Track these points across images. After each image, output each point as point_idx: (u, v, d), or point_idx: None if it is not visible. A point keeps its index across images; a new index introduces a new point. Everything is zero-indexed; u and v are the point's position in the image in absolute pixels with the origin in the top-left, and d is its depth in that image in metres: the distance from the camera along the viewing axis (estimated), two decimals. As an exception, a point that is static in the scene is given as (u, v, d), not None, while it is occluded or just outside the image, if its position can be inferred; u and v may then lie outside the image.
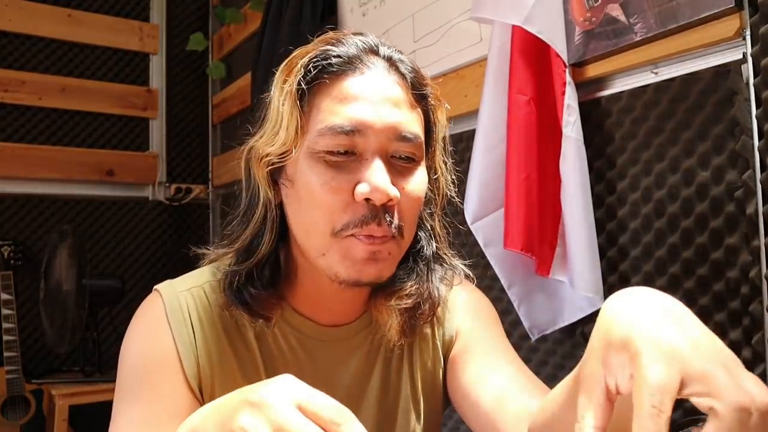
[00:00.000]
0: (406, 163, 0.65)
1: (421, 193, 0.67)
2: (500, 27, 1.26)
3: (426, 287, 0.71)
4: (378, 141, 0.63)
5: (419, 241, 0.73)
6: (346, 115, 0.62)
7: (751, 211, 0.95)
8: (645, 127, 1.14)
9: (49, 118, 2.76)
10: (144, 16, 3.00)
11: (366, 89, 0.64)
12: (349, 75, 0.64)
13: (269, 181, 0.67)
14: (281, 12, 2.13)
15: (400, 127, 0.64)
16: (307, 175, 0.63)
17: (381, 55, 0.67)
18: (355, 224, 0.62)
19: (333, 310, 0.74)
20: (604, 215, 1.20)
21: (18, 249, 2.55)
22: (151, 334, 0.68)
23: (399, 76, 0.66)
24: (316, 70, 0.64)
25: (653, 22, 1.06)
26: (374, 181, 0.61)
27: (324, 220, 0.63)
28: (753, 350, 0.95)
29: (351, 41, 0.66)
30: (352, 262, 0.63)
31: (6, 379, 2.33)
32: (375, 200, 0.61)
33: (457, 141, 1.59)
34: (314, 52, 0.65)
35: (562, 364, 1.30)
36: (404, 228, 0.65)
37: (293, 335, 0.72)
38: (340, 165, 0.63)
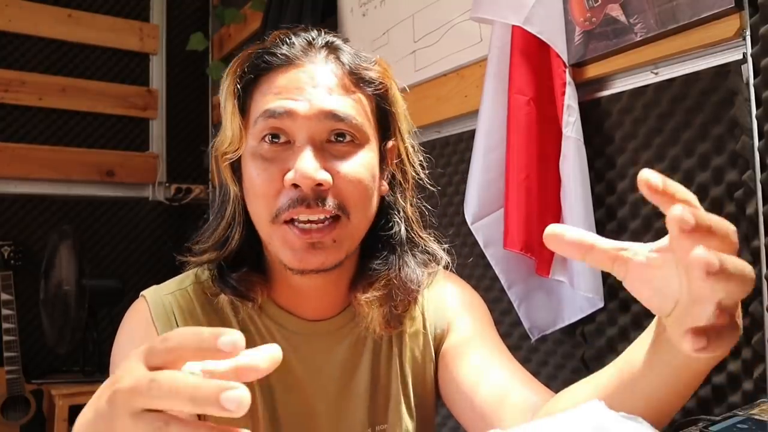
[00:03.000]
0: (343, 146, 0.67)
1: (362, 174, 0.67)
2: (500, 27, 1.26)
3: (401, 274, 0.72)
4: (308, 126, 0.65)
5: (391, 225, 0.74)
6: (275, 103, 0.65)
7: (751, 212, 0.95)
8: (645, 128, 1.14)
9: (49, 119, 2.76)
10: (144, 16, 3.00)
11: (297, 79, 0.66)
12: (283, 69, 0.67)
13: (233, 178, 0.71)
14: (281, 12, 2.13)
15: (330, 110, 0.65)
16: (249, 168, 0.67)
17: (317, 45, 0.69)
18: (285, 209, 0.64)
19: (313, 304, 0.74)
20: (604, 215, 1.20)
21: (18, 249, 2.55)
22: (139, 338, 0.70)
23: (337, 64, 0.68)
24: (252, 69, 0.68)
25: (653, 22, 1.06)
26: (299, 167, 0.63)
27: (263, 208, 0.66)
28: (753, 350, 0.95)
29: (289, 37, 0.69)
30: (291, 250, 0.65)
31: (6, 379, 2.33)
32: (302, 185, 0.63)
33: (457, 141, 1.59)
34: (252, 50, 0.69)
35: (562, 364, 1.30)
36: (348, 209, 0.66)
37: (277, 330, 0.73)
38: (274, 155, 0.66)
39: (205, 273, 0.74)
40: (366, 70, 0.70)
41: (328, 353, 0.75)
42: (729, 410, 0.84)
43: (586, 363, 1.24)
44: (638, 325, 1.13)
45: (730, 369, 0.99)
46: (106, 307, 2.61)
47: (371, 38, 1.87)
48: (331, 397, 0.74)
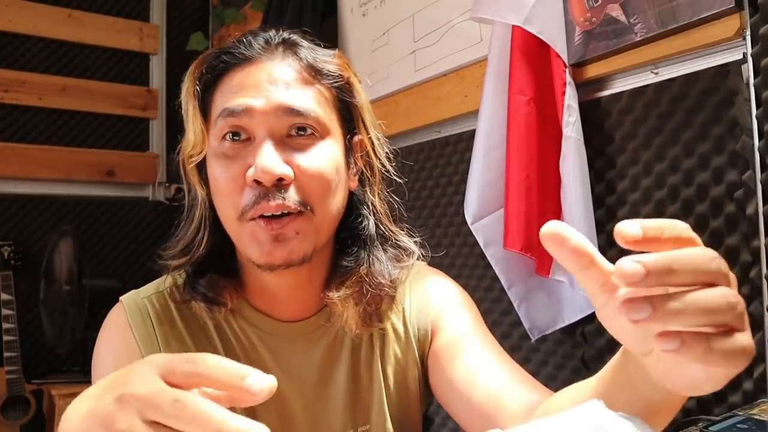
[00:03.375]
0: (303, 139, 0.66)
1: (323, 167, 0.67)
2: (500, 27, 1.26)
3: (371, 270, 0.72)
4: (266, 122, 0.65)
5: (360, 220, 0.74)
6: (235, 101, 0.66)
7: (751, 212, 0.95)
8: (645, 128, 1.14)
9: (49, 118, 2.76)
10: (144, 16, 3.00)
11: (254, 76, 0.67)
12: (241, 69, 0.68)
13: (200, 181, 0.71)
14: (281, 12, 2.13)
15: (288, 104, 0.65)
16: (212, 168, 0.67)
17: (273, 43, 0.69)
18: (249, 206, 0.64)
19: (287, 305, 0.74)
20: (604, 215, 1.20)
21: (18, 249, 2.55)
22: (117, 342, 0.71)
23: (294, 59, 0.69)
24: (210, 70, 0.69)
25: (653, 22, 1.06)
26: (259, 162, 0.63)
27: (229, 207, 0.66)
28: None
29: (247, 37, 0.70)
30: (258, 245, 0.65)
31: (6, 379, 2.33)
32: (263, 181, 0.63)
33: (458, 141, 1.59)
34: (210, 53, 0.70)
35: (563, 364, 1.30)
36: (310, 203, 0.66)
37: (252, 332, 0.73)
38: (235, 153, 0.66)
39: (182, 276, 0.74)
40: (324, 63, 0.70)
41: (305, 354, 0.74)
42: (729, 410, 0.84)
43: (586, 363, 1.24)
44: (638, 325, 1.13)
45: (730, 369, 0.99)
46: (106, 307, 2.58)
47: (371, 38, 1.87)
48: (310, 398, 0.74)
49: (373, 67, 1.85)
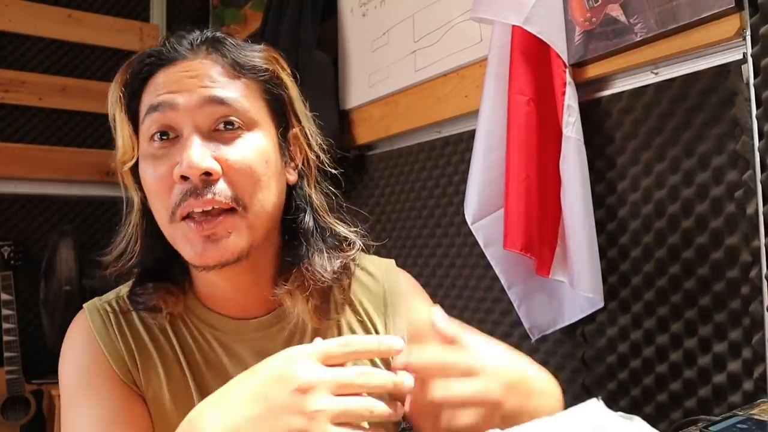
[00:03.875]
0: (230, 133, 0.65)
1: (252, 159, 0.65)
2: (500, 27, 1.26)
3: (312, 263, 0.71)
4: (191, 116, 0.64)
5: (297, 214, 0.73)
6: (155, 97, 0.65)
7: (752, 212, 0.95)
8: (645, 128, 1.14)
9: (49, 119, 2.76)
10: (144, 16, 3.00)
11: (175, 73, 0.66)
12: (164, 69, 0.67)
13: (135, 186, 0.71)
14: (281, 12, 2.13)
15: (213, 95, 0.65)
16: (144, 171, 0.67)
17: (196, 42, 0.69)
18: (177, 203, 0.63)
19: (237, 302, 0.73)
20: (604, 215, 1.20)
21: (18, 249, 2.55)
22: (81, 346, 0.71)
23: (217, 55, 0.68)
24: (135, 76, 0.68)
25: (653, 22, 1.06)
26: (185, 158, 0.62)
27: (160, 208, 0.66)
28: (753, 350, 0.95)
29: (170, 40, 0.69)
30: (191, 246, 0.64)
31: (6, 379, 2.33)
32: (189, 176, 0.62)
33: (458, 141, 1.59)
34: (134, 60, 0.69)
35: (563, 364, 1.30)
36: (242, 197, 0.64)
37: (207, 331, 0.73)
38: (163, 153, 0.65)
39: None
40: (249, 57, 0.69)
41: (263, 352, 0.72)
42: (729, 410, 0.84)
43: (586, 363, 1.24)
44: (638, 325, 1.13)
45: (730, 369, 0.99)
46: (106, 307, 2.60)
47: (371, 38, 1.87)
48: None
49: (373, 67, 1.85)
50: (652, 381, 1.11)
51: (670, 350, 1.08)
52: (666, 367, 1.08)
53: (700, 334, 1.03)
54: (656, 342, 1.10)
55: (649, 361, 1.11)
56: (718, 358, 1.00)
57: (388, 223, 1.82)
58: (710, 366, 1.01)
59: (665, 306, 1.09)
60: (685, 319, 1.05)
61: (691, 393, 1.04)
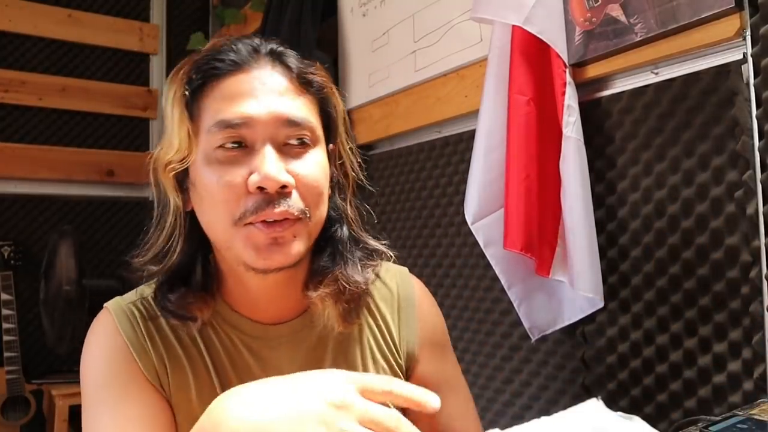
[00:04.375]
0: (299, 147, 0.68)
1: (318, 174, 0.69)
2: (500, 27, 1.26)
3: (346, 270, 0.74)
4: (266, 131, 0.66)
5: (333, 225, 0.76)
6: (232, 111, 0.66)
7: (752, 212, 0.95)
8: (645, 128, 1.14)
9: (49, 119, 2.76)
10: (144, 16, 3.00)
11: (248, 84, 0.67)
12: (232, 75, 0.68)
13: (177, 188, 0.70)
14: (281, 12, 2.13)
15: (286, 114, 0.67)
16: (205, 174, 0.66)
17: (262, 52, 0.70)
18: (251, 212, 0.64)
19: (269, 308, 0.75)
20: (604, 215, 1.20)
21: (18, 249, 2.55)
22: (107, 346, 0.71)
23: (283, 68, 0.70)
24: (199, 75, 0.68)
25: (653, 22, 1.06)
26: (264, 170, 0.64)
27: (223, 213, 0.66)
28: (753, 350, 0.95)
29: (234, 44, 0.70)
30: (255, 249, 0.65)
31: (6, 379, 2.33)
32: (267, 188, 0.64)
33: (458, 141, 1.59)
34: (197, 59, 0.70)
35: (563, 364, 1.30)
36: (309, 210, 0.67)
37: (235, 335, 0.74)
38: (233, 160, 0.66)
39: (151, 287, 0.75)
40: (311, 74, 0.72)
41: (289, 357, 0.75)
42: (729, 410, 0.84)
43: (586, 363, 1.24)
44: (638, 325, 1.13)
45: (730, 369, 0.99)
46: (106, 307, 2.60)
47: (371, 38, 1.87)
48: None
49: (373, 67, 1.85)
50: (652, 381, 1.11)
51: (670, 350, 1.08)
52: (666, 367, 1.08)
53: (700, 334, 1.03)
54: (656, 342, 1.10)
55: (649, 361, 1.11)
56: (718, 358, 1.00)
57: (388, 223, 1.82)
58: (710, 366, 1.01)
59: (665, 306, 1.09)
60: (685, 319, 1.05)
61: (691, 393, 1.04)
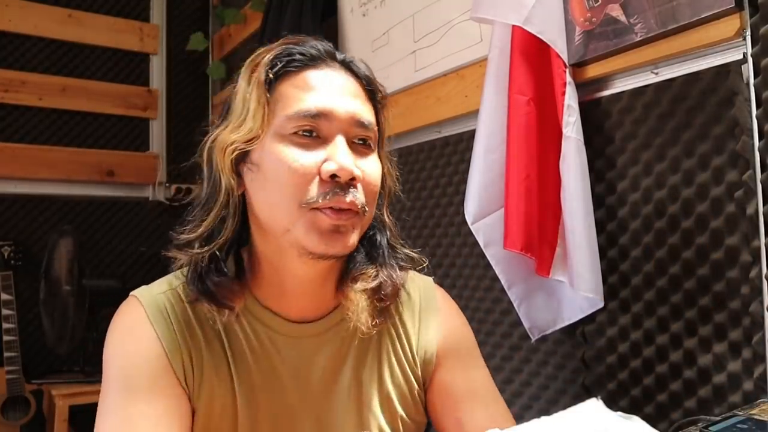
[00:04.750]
0: (364, 148, 0.72)
1: (378, 176, 0.73)
2: (500, 27, 1.26)
3: (386, 270, 0.77)
4: (340, 125, 0.70)
5: (373, 231, 0.78)
6: (313, 101, 0.69)
7: (752, 212, 0.95)
8: (645, 128, 1.14)
9: (49, 119, 2.76)
10: (144, 16, 3.00)
11: (328, 81, 0.71)
12: (310, 68, 0.72)
13: (232, 170, 0.71)
14: (281, 12, 2.13)
15: (360, 115, 0.71)
16: (276, 155, 0.68)
17: (337, 58, 0.75)
18: (322, 197, 0.67)
19: (300, 305, 0.75)
20: (604, 215, 1.20)
21: (18, 249, 2.55)
22: (137, 334, 0.70)
23: (354, 76, 0.75)
24: (281, 63, 0.71)
25: (653, 22, 1.06)
26: (340, 160, 0.67)
27: (291, 195, 0.67)
28: (753, 350, 0.95)
29: (311, 43, 0.74)
30: (318, 234, 0.67)
31: (6, 379, 2.33)
32: (341, 177, 0.67)
33: (458, 141, 1.59)
34: (278, 49, 0.73)
35: (563, 364, 1.30)
36: (367, 205, 0.71)
37: (263, 332, 0.74)
38: (306, 145, 0.68)
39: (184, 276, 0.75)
40: (376, 85, 0.77)
41: (312, 356, 0.75)
42: (729, 410, 0.84)
43: (586, 363, 1.24)
44: (638, 325, 1.13)
45: (730, 369, 0.99)
46: (106, 307, 2.60)
47: (371, 38, 1.87)
48: (314, 400, 0.75)
49: (373, 67, 1.83)
50: (652, 381, 1.11)
51: (670, 350, 1.08)
52: (666, 367, 1.08)
53: (700, 334, 1.03)
54: (656, 342, 1.10)
55: (649, 361, 1.11)
56: (718, 358, 1.00)
57: (388, 223, 1.82)
58: (710, 366, 1.01)
59: (665, 306, 1.09)
60: (685, 319, 1.05)
61: (691, 393, 1.04)
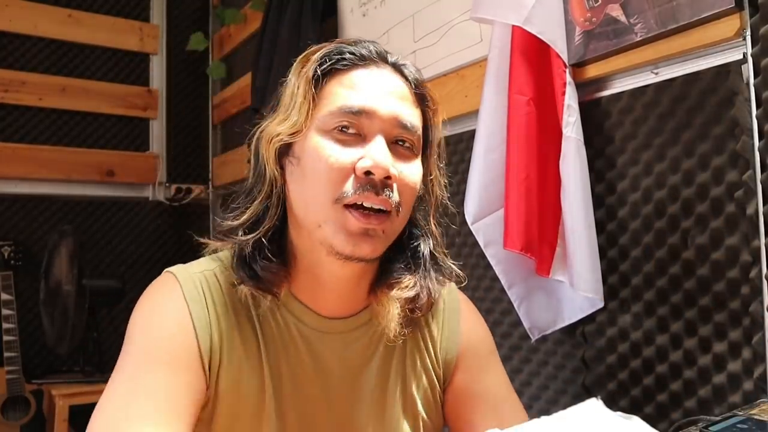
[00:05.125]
0: (405, 150, 0.72)
1: (417, 181, 0.72)
2: (500, 27, 1.26)
3: (425, 282, 0.75)
4: (382, 125, 0.69)
5: (416, 239, 0.77)
6: (356, 99, 0.69)
7: (752, 212, 0.95)
8: (645, 128, 1.14)
9: (49, 119, 2.76)
10: (144, 16, 3.00)
11: (374, 81, 0.71)
12: (359, 68, 0.72)
13: (276, 161, 0.72)
14: (281, 12, 2.13)
15: (403, 117, 0.71)
16: (315, 150, 0.69)
17: (388, 60, 0.74)
18: (354, 192, 0.67)
19: (333, 301, 0.76)
20: (604, 215, 1.20)
21: (18, 249, 2.55)
22: (168, 308, 0.70)
23: (403, 78, 0.74)
24: (330, 61, 0.71)
25: (653, 22, 1.06)
26: (375, 156, 0.67)
27: (326, 189, 0.68)
28: (753, 350, 0.95)
29: (363, 44, 0.74)
30: (347, 234, 0.67)
31: (6, 379, 2.33)
32: (375, 174, 0.67)
33: (458, 141, 1.59)
34: (330, 47, 0.73)
35: (563, 364, 1.30)
36: (401, 207, 0.70)
37: (294, 323, 0.74)
38: (346, 142, 0.69)
39: (229, 259, 0.74)
40: (425, 90, 0.76)
41: (340, 352, 0.76)
42: (729, 410, 0.84)
43: (586, 363, 1.24)
44: (638, 325, 1.13)
45: (730, 369, 0.99)
46: (106, 307, 2.61)
47: (371, 38, 1.86)
48: (337, 397, 0.75)
49: (373, 67, 1.85)
50: (652, 381, 1.11)
51: (670, 350, 1.08)
52: (666, 367, 1.08)
53: (700, 334, 1.03)
54: (656, 342, 1.10)
55: (649, 361, 1.11)
56: (718, 358, 1.00)
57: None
58: (710, 366, 1.01)
59: (665, 306, 1.09)
60: (685, 319, 1.05)
61: (691, 393, 1.04)
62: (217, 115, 3.08)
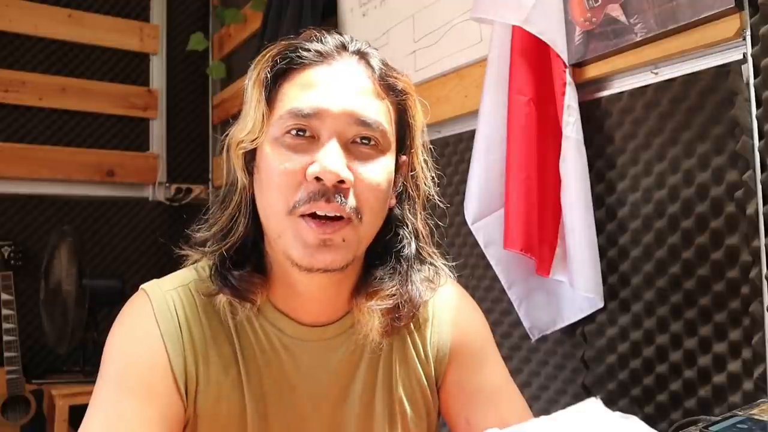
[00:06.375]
0: (367, 149, 0.67)
1: (381, 179, 0.67)
2: (500, 27, 1.26)
3: (407, 288, 0.72)
4: (335, 125, 0.65)
5: (401, 239, 0.74)
6: (306, 100, 0.65)
7: (752, 212, 0.95)
8: (645, 128, 1.14)
9: (49, 119, 2.76)
10: (144, 16, 3.00)
11: (328, 77, 0.67)
12: (315, 65, 0.67)
13: (244, 169, 0.70)
14: (281, 12, 2.13)
15: (359, 113, 0.66)
16: (269, 159, 0.66)
17: (350, 49, 0.70)
18: (305, 201, 0.64)
19: (312, 308, 0.73)
20: (604, 215, 1.20)
21: (18, 249, 2.55)
22: (141, 332, 0.69)
23: (368, 68, 0.69)
24: (284, 61, 0.68)
25: (653, 22, 1.06)
26: (324, 161, 0.63)
27: (280, 199, 0.65)
28: (753, 350, 0.95)
29: (323, 37, 0.70)
30: (303, 246, 0.65)
31: (6, 379, 2.33)
32: (325, 180, 0.63)
33: (457, 141, 1.59)
34: (286, 44, 0.70)
35: (563, 364, 1.30)
36: (362, 212, 0.66)
37: (274, 334, 0.73)
38: (297, 148, 0.65)
39: (206, 269, 0.73)
40: (395, 79, 0.71)
41: (324, 361, 0.74)
42: (729, 410, 0.84)
43: (586, 363, 1.24)
44: (638, 325, 1.13)
45: (730, 369, 0.99)
46: (106, 307, 2.60)
47: (371, 38, 1.87)
48: (325, 406, 0.74)
49: (373, 67, 1.85)
50: (652, 381, 1.11)
51: (670, 350, 1.08)
52: (666, 367, 1.08)
53: (700, 334, 1.03)
54: (656, 342, 1.10)
55: (649, 361, 1.11)
56: (718, 358, 1.00)
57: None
58: (710, 366, 1.01)
59: (665, 306, 1.09)
60: (685, 319, 1.05)
61: (691, 393, 1.04)
62: (217, 115, 3.08)
